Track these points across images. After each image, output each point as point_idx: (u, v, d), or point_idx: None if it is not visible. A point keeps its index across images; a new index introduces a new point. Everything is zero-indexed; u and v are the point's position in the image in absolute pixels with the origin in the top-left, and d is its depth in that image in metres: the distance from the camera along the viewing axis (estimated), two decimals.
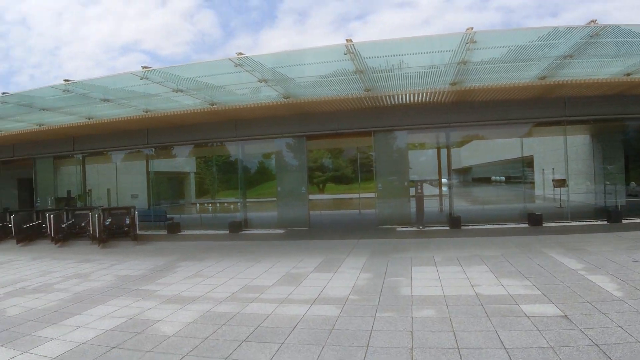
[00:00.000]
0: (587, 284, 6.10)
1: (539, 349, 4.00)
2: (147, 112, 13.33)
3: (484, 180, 24.60)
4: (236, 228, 14.76)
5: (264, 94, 11.79)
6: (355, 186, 21.46)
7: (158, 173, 18.49)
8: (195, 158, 20.37)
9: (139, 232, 14.54)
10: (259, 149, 16.76)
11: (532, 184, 18.98)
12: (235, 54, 8.79)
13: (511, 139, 14.70)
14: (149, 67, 9.52)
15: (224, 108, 12.83)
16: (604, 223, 12.00)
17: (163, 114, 13.53)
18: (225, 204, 17.88)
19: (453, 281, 6.61)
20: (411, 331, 4.68)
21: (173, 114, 13.51)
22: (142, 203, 17.32)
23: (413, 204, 12.97)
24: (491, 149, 20.30)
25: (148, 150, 17.18)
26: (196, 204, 21.40)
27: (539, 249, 8.99)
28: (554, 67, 9.61)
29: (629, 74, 10.35)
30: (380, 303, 5.79)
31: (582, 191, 15.00)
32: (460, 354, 4.01)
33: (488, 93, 11.75)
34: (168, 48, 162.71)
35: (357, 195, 20.30)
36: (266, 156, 17.15)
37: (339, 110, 13.50)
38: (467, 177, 24.65)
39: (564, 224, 12.23)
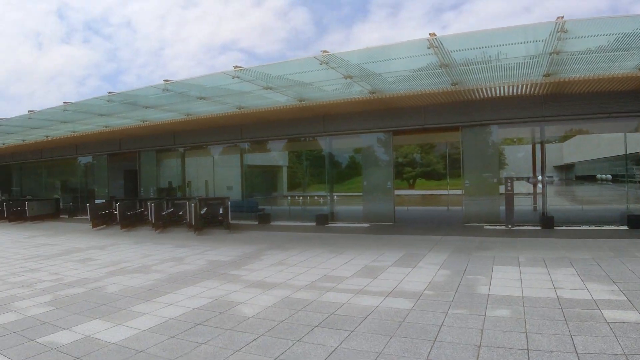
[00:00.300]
0: None
1: (612, 355, 3.80)
2: (241, 109, 14.12)
3: (589, 179, 22.78)
4: (322, 221, 15.17)
5: (350, 90, 11.98)
6: (445, 182, 20.97)
7: (252, 166, 19.45)
8: (287, 152, 21.07)
9: (232, 222, 15.51)
10: (346, 144, 17.01)
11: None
12: (320, 52, 9.07)
13: (618, 134, 13.51)
14: (240, 67, 10.12)
15: (312, 104, 13.22)
16: None
17: (255, 111, 14.26)
18: (316, 197, 18.34)
19: (535, 283, 6.36)
20: (482, 329, 4.65)
21: (264, 110, 14.17)
22: (237, 194, 18.33)
23: (503, 201, 12.47)
24: (597, 144, 18.79)
25: (243, 145, 18.15)
26: (287, 196, 22.16)
27: (634, 253, 8.28)
28: None
29: None
30: (455, 300, 5.77)
31: None
32: (528, 355, 3.93)
33: (585, 85, 10.90)
34: (263, 46, 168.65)
35: (446, 191, 19.89)
36: (353, 151, 17.36)
37: (425, 105, 13.34)
38: (570, 175, 22.97)
39: None
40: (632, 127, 12.35)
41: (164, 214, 16.09)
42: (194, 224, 14.76)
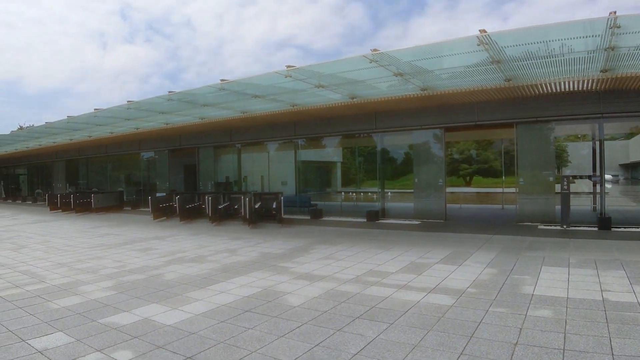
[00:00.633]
0: None
1: None
2: (294, 106, 14.47)
3: None
4: (373, 217, 15.28)
5: (401, 87, 12.01)
6: (502, 180, 20.44)
7: (306, 162, 19.82)
8: (342, 149, 21.30)
9: (284, 216, 15.96)
10: (397, 141, 17.00)
11: None
12: (370, 50, 9.19)
13: None
14: (292, 66, 10.40)
15: (364, 101, 13.34)
16: None
17: (308, 108, 14.55)
18: (369, 194, 18.47)
19: (582, 284, 6.23)
20: (520, 328, 4.67)
21: (317, 107, 14.44)
22: (291, 190, 18.76)
23: (559, 201, 12.08)
24: None
25: (298, 141, 18.53)
26: (341, 192, 22.41)
27: None
28: None
29: None
30: (497, 298, 5.78)
31: None
32: (563, 355, 3.94)
33: None
34: (319, 42, 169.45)
35: (501, 189, 19.39)
36: (405, 148, 17.31)
37: (478, 102, 13.12)
38: (636, 174, 21.76)
39: None
40: None
41: (220, 207, 16.78)
42: (248, 217, 15.31)
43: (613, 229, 11.14)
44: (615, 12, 6.46)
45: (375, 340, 4.51)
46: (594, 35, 7.81)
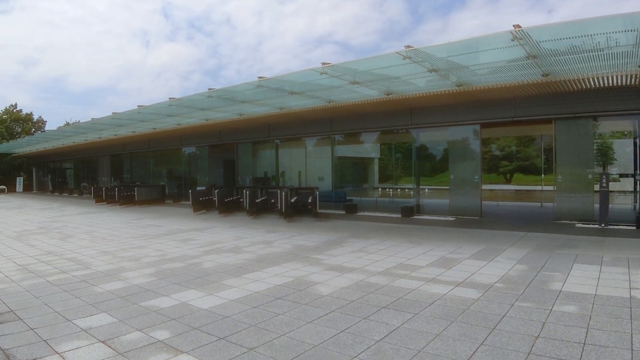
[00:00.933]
0: None
1: None
2: (330, 103, 14.69)
3: None
4: (408, 212, 15.32)
5: (436, 83, 12.02)
6: (546, 177, 19.94)
7: (343, 158, 20.00)
8: (378, 145, 21.35)
9: (320, 211, 16.24)
10: (433, 137, 16.91)
11: None
12: (404, 47, 9.29)
13: None
14: (328, 63, 10.60)
15: (399, 97, 13.40)
16: None
17: (344, 104, 14.74)
18: (406, 190, 18.48)
19: (611, 282, 6.18)
20: (544, 322, 4.74)
21: (352, 104, 14.61)
22: (328, 185, 18.99)
23: (598, 199, 11.79)
24: None
25: (334, 137, 18.73)
26: (378, 188, 22.47)
27: None
28: None
29: None
30: (524, 294, 5.83)
31: None
32: (583, 349, 4.01)
33: None
34: (358, 38, 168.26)
35: (540, 187, 18.97)
36: (440, 144, 17.21)
37: (515, 97, 12.93)
38: None
39: None
40: None
41: (257, 201, 17.23)
42: (284, 211, 15.66)
43: None
44: None
45: (399, 329, 4.69)
46: (633, 30, 7.66)
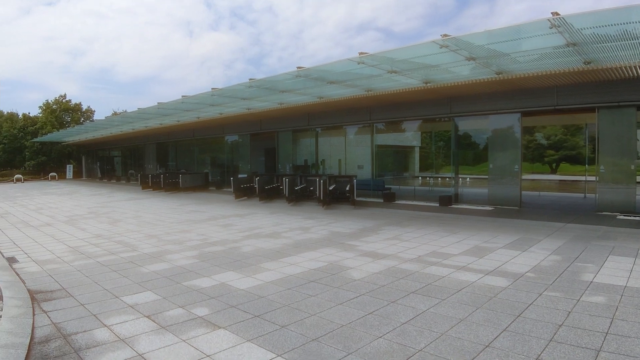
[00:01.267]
0: None
1: None
2: (369, 91, 14.80)
3: None
4: (446, 202, 15.30)
5: (475, 71, 11.92)
6: (590, 167, 19.40)
7: (384, 146, 20.07)
8: (420, 133, 21.27)
9: (358, 199, 16.46)
10: (473, 126, 16.74)
11: None
12: (440, 35, 9.30)
13: None
14: (365, 53, 10.72)
15: (438, 86, 13.35)
16: None
17: (382, 93, 14.81)
18: (447, 179, 18.41)
19: None
20: (569, 312, 4.81)
21: (391, 92, 14.65)
22: (367, 173, 19.15)
23: None
24: None
25: (374, 125, 18.81)
26: (418, 177, 22.43)
27: None
28: None
29: None
30: (554, 283, 5.88)
31: None
32: (605, 338, 4.08)
33: None
34: (401, 24, 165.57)
35: (584, 177, 18.43)
36: (480, 133, 17.00)
37: (556, 85, 12.62)
38: None
39: None
40: None
41: (296, 189, 17.60)
42: (322, 198, 15.97)
43: None
44: None
45: (425, 313, 4.89)
46: None
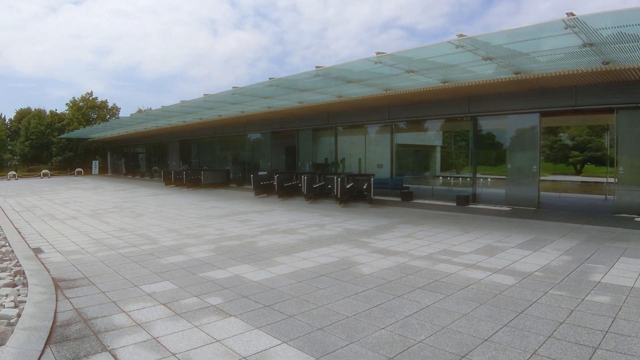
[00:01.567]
0: None
1: None
2: (387, 90, 14.91)
3: None
4: (463, 201, 15.32)
5: (493, 71, 11.93)
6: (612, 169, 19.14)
7: (404, 145, 20.11)
8: (442, 132, 21.26)
9: (376, 197, 16.61)
10: (491, 125, 16.69)
11: None
12: (456, 35, 9.37)
13: None
14: (382, 52, 10.86)
15: (456, 85, 13.38)
16: None
17: (400, 92, 14.90)
18: (468, 179, 18.40)
19: None
20: (572, 310, 4.90)
21: (409, 91, 14.73)
22: (387, 172, 19.25)
23: None
24: None
25: (393, 124, 18.89)
26: (439, 177, 22.42)
27: None
28: None
29: None
30: (561, 283, 5.94)
31: None
32: (604, 336, 4.16)
33: None
34: (425, 22, 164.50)
35: (605, 179, 18.15)
36: (498, 132, 16.93)
37: (575, 85, 12.52)
38: None
39: None
40: None
41: (315, 186, 17.82)
42: (339, 196, 16.16)
43: None
44: None
45: (429, 307, 5.04)
46: None
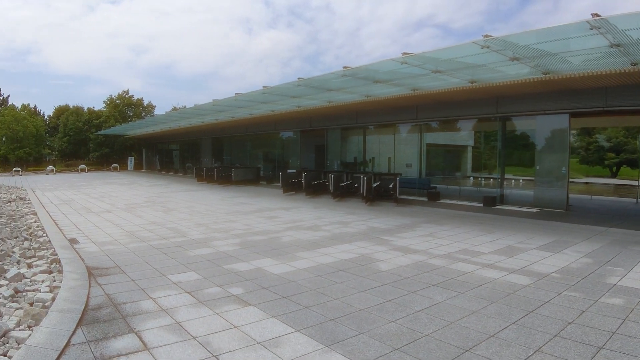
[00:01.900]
0: None
1: None
2: (415, 91, 14.99)
3: None
4: (490, 202, 15.26)
5: (519, 71, 11.89)
6: None
7: (435, 145, 20.11)
8: (474, 132, 21.13)
9: (403, 197, 16.75)
10: (520, 126, 16.55)
11: None
12: (482, 36, 9.43)
13: None
14: (408, 53, 11.00)
15: (484, 86, 13.35)
16: None
17: (428, 92, 14.96)
18: (490, 180, 18.29)
19: None
20: (583, 311, 4.98)
21: (436, 91, 14.76)
22: (415, 172, 19.31)
23: None
24: None
25: (423, 124, 18.93)
26: (469, 177, 22.30)
27: None
28: None
29: None
30: (576, 285, 6.00)
31: None
32: (611, 337, 4.24)
33: None
34: (461, 20, 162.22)
35: (637, 182, 17.70)
36: (527, 133, 16.74)
37: (606, 86, 12.31)
38: None
39: None
40: None
41: (342, 185, 18.06)
42: (365, 195, 16.36)
43: None
44: None
45: (440, 303, 5.21)
46: None
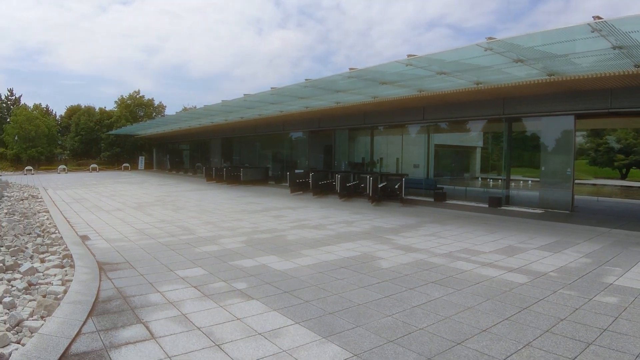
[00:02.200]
0: None
1: None
2: (421, 92, 15.11)
3: None
4: (495, 203, 15.34)
5: (526, 73, 11.96)
6: None
7: (443, 146, 20.18)
8: (483, 133, 21.16)
9: (409, 197, 16.89)
10: (525, 127, 16.62)
11: None
12: (485, 39, 9.55)
13: None
14: (413, 55, 11.12)
15: (489, 87, 13.44)
16: None
17: (434, 93, 15.06)
18: (497, 181, 18.34)
19: None
20: (576, 308, 5.12)
21: (442, 93, 14.86)
22: (423, 173, 19.41)
23: None
24: None
25: (431, 124, 19.04)
26: (478, 178, 22.33)
27: None
28: None
29: None
30: (573, 283, 6.12)
31: None
32: (601, 334, 4.37)
33: None
34: (472, 19, 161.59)
35: None
36: (533, 134, 16.80)
37: (610, 88, 12.34)
38: None
39: None
40: None
41: (348, 185, 18.23)
42: (371, 195, 16.52)
43: None
44: None
45: (437, 300, 5.38)
46: None
